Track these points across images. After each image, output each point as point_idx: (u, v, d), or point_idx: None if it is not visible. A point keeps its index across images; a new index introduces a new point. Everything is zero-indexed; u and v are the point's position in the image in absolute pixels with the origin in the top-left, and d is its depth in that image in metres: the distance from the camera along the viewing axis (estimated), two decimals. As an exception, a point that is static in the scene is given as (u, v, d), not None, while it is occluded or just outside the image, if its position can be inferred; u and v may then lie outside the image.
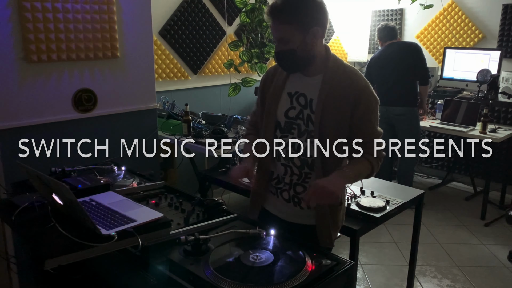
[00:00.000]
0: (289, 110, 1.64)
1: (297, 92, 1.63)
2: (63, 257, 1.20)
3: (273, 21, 1.52)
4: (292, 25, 1.49)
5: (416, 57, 3.94)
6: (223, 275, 1.19)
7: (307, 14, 1.50)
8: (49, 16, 2.44)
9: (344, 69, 1.60)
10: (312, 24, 1.51)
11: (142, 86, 2.94)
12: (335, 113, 1.56)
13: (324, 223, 1.67)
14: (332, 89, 1.56)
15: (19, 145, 2.46)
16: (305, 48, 1.53)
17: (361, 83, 1.58)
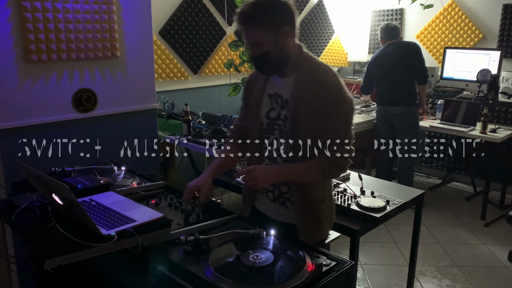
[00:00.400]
0: (270, 111, 1.68)
1: (276, 93, 1.67)
2: (63, 257, 1.20)
3: (243, 28, 1.55)
4: (262, 28, 1.52)
5: (414, 56, 3.93)
6: (223, 275, 1.19)
7: (275, 15, 1.52)
8: (49, 16, 2.44)
9: (316, 68, 1.61)
10: (281, 25, 1.53)
11: (142, 86, 2.94)
12: (308, 113, 1.58)
13: (302, 221, 1.69)
14: (304, 89, 1.59)
15: (19, 145, 2.46)
16: (278, 49, 1.55)
17: (331, 81, 1.58)
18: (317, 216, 1.72)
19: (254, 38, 1.54)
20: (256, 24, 1.51)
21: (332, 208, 1.82)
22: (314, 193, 1.70)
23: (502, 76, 4.11)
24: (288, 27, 1.54)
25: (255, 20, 1.51)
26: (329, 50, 5.35)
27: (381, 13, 5.24)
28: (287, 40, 1.56)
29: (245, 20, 1.52)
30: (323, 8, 5.13)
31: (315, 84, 1.57)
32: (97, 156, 2.71)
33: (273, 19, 1.52)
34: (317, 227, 1.73)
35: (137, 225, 1.35)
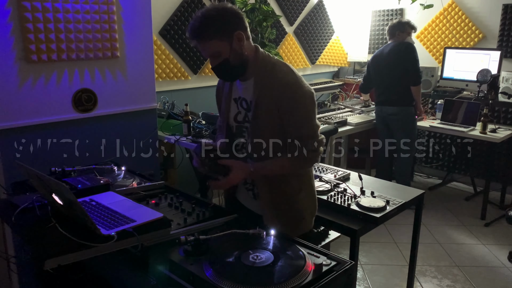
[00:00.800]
0: (237, 115, 1.76)
1: (240, 97, 1.74)
2: (63, 257, 1.20)
3: (198, 43, 1.59)
4: (216, 38, 1.56)
5: (406, 57, 3.90)
6: (223, 275, 1.19)
7: (225, 23, 1.57)
8: (49, 16, 2.44)
9: (272, 67, 1.66)
10: (233, 30, 1.58)
11: (142, 86, 2.94)
12: (267, 113, 1.64)
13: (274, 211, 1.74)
14: (263, 90, 1.64)
15: (19, 145, 2.46)
16: (236, 54, 1.60)
17: (287, 78, 1.62)
18: (294, 206, 1.76)
19: (211, 50, 1.58)
20: (210, 36, 1.56)
21: (313, 197, 1.85)
22: (287, 183, 1.74)
23: (502, 76, 4.11)
24: (240, 31, 1.59)
25: (207, 33, 1.56)
26: (329, 50, 5.35)
27: (381, 13, 5.24)
28: (242, 44, 1.61)
29: (198, 34, 1.56)
30: (323, 8, 5.12)
31: (273, 84, 1.62)
32: (97, 156, 2.70)
33: (224, 26, 1.56)
34: (297, 218, 1.77)
35: (137, 225, 1.35)
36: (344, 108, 4.64)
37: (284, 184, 1.74)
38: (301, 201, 1.78)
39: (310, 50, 5.11)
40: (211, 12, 1.56)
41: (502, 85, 4.09)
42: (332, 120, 3.99)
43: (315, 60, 5.22)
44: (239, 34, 1.59)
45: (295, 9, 4.83)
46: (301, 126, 1.64)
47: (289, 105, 1.61)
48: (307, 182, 1.81)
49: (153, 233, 1.36)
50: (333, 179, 2.41)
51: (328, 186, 2.26)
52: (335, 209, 2.10)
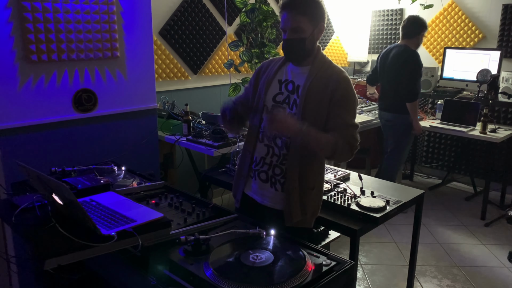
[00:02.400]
0: (277, 95, 1.82)
1: (287, 80, 1.82)
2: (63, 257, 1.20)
3: (289, 12, 1.70)
4: (308, 17, 1.70)
5: (404, 70, 3.69)
6: (223, 275, 1.19)
7: (320, 11, 1.73)
8: (49, 16, 2.44)
9: (329, 63, 1.81)
10: (320, 20, 1.74)
11: (142, 86, 2.94)
12: (317, 99, 1.73)
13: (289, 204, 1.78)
14: (317, 78, 1.75)
15: (19, 145, 2.46)
16: (312, 39, 1.74)
17: (342, 75, 1.76)
18: (304, 200, 1.80)
19: (297, 24, 1.69)
20: (305, 12, 1.69)
21: (320, 196, 1.90)
22: (306, 179, 1.79)
23: (502, 76, 4.11)
24: (324, 24, 1.76)
25: (304, 8, 1.69)
26: (329, 50, 5.35)
27: (381, 13, 5.24)
28: (319, 35, 1.76)
29: (297, 5, 1.68)
30: (323, 8, 5.12)
31: (328, 75, 1.75)
32: (97, 156, 2.71)
33: (318, 13, 1.72)
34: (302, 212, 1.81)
35: (137, 225, 1.35)
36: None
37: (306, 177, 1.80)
38: (310, 198, 1.83)
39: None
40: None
41: (502, 85, 4.09)
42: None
43: (315, 60, 5.21)
44: (323, 26, 1.76)
45: (295, 9, 4.82)
46: (351, 116, 1.75)
47: (341, 97, 1.72)
48: (321, 180, 1.89)
49: (153, 233, 1.36)
50: (333, 179, 2.41)
51: (328, 186, 2.26)
52: (335, 209, 2.10)
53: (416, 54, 3.74)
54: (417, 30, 3.76)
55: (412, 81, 3.70)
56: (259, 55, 3.90)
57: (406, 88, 3.71)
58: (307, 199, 1.81)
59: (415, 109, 3.78)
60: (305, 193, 1.80)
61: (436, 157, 5.00)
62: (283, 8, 1.71)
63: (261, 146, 1.83)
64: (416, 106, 3.77)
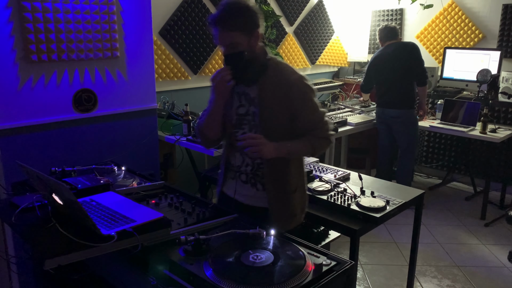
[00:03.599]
0: (239, 107, 1.82)
1: (243, 91, 1.80)
2: (63, 257, 1.20)
3: (220, 30, 1.65)
4: (240, 30, 1.64)
5: (412, 57, 3.90)
6: (223, 275, 1.19)
7: (251, 19, 1.67)
8: (49, 16, 2.44)
9: (279, 66, 1.77)
10: (254, 27, 1.68)
11: (142, 86, 2.94)
12: (274, 108, 1.73)
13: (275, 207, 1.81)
14: (270, 86, 1.73)
15: (19, 145, 2.46)
16: (251, 50, 1.70)
17: (293, 77, 1.74)
18: (289, 204, 1.84)
19: (230, 40, 1.65)
20: (235, 27, 1.63)
21: (305, 197, 1.94)
22: (287, 182, 1.82)
23: (502, 76, 4.11)
24: (259, 30, 1.70)
25: (234, 23, 1.63)
26: (329, 50, 5.34)
27: (381, 13, 5.24)
28: (257, 42, 1.71)
29: (224, 23, 1.63)
30: (323, 8, 5.12)
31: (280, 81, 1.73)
32: (97, 156, 2.71)
33: (249, 22, 1.66)
34: (290, 215, 1.86)
35: (137, 225, 1.35)
36: (344, 108, 4.64)
37: (285, 183, 1.83)
38: (295, 200, 1.87)
39: (310, 50, 5.12)
40: (239, 5, 1.64)
41: (502, 85, 4.09)
42: (332, 120, 3.98)
43: (315, 60, 5.22)
44: (258, 33, 1.70)
45: (295, 9, 4.83)
46: (314, 113, 1.77)
47: (301, 99, 1.74)
48: (302, 181, 1.91)
49: (153, 233, 1.36)
50: (333, 179, 2.41)
51: (328, 186, 2.26)
52: (335, 209, 2.10)
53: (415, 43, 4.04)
54: (398, 32, 4.09)
55: (423, 64, 3.95)
56: (259, 55, 3.90)
57: (419, 72, 3.94)
58: (293, 203, 1.86)
59: (426, 92, 4.11)
60: (288, 198, 1.84)
61: (436, 157, 5.00)
62: (211, 25, 1.66)
63: (237, 155, 1.86)
64: (426, 89, 4.08)
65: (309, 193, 2.20)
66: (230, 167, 1.90)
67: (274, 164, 1.78)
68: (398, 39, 4.08)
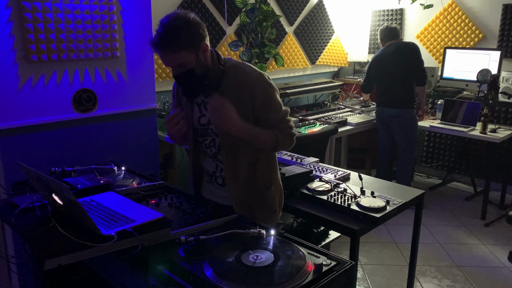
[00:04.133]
0: (200, 117, 1.80)
1: (203, 100, 1.78)
2: (63, 257, 1.20)
3: (163, 53, 1.58)
4: (184, 49, 1.58)
5: (412, 57, 3.91)
6: (223, 275, 1.19)
7: (193, 34, 1.60)
8: (49, 16, 2.44)
9: (236, 68, 1.74)
10: (198, 42, 1.62)
11: (142, 86, 2.94)
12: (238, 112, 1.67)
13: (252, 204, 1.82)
14: (230, 91, 1.70)
15: (19, 145, 2.46)
16: (201, 64, 1.65)
17: (253, 75, 1.71)
18: (267, 201, 1.86)
19: (177, 60, 1.60)
20: (178, 47, 1.57)
21: (281, 191, 1.96)
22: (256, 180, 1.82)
23: (502, 76, 4.11)
24: (205, 42, 1.64)
25: (176, 44, 1.56)
26: (329, 50, 5.35)
27: (381, 13, 5.24)
28: (206, 54, 1.66)
29: (166, 46, 1.56)
30: (323, 8, 5.12)
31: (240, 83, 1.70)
32: (97, 156, 2.71)
33: (192, 38, 1.59)
34: (269, 212, 1.88)
35: (137, 225, 1.35)
36: (344, 108, 4.64)
37: (253, 181, 1.83)
38: (272, 196, 1.88)
39: (310, 50, 5.11)
40: (178, 23, 1.56)
41: (502, 85, 4.09)
42: (332, 120, 3.99)
43: (315, 60, 5.22)
44: (205, 45, 1.64)
45: (295, 9, 4.83)
46: (277, 111, 1.75)
47: (264, 98, 1.71)
48: (275, 177, 1.92)
49: (153, 233, 1.36)
50: (333, 179, 2.41)
51: (328, 186, 2.26)
52: (335, 209, 2.10)
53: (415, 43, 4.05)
54: (398, 33, 4.11)
55: (422, 63, 3.96)
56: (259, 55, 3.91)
57: (419, 72, 3.95)
58: (270, 198, 1.88)
59: (425, 92, 4.10)
60: (264, 194, 1.85)
61: (436, 157, 5.00)
62: (153, 49, 1.59)
63: (210, 162, 1.86)
64: (426, 89, 4.08)
65: (309, 193, 2.21)
66: (205, 172, 1.91)
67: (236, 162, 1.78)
68: (399, 39, 4.09)
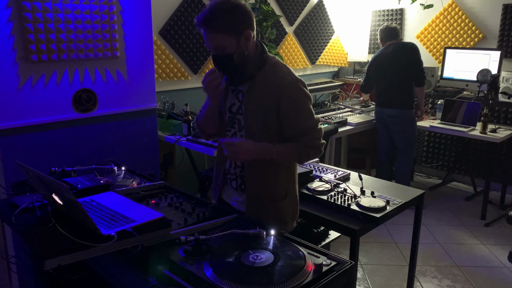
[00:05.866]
0: (232, 105, 1.78)
1: (237, 89, 1.76)
2: (63, 257, 1.20)
3: (206, 32, 1.58)
4: (226, 32, 1.57)
5: (411, 57, 3.90)
6: (223, 275, 1.19)
7: (238, 19, 1.58)
8: (49, 16, 2.44)
9: (273, 67, 1.70)
10: (243, 28, 1.60)
11: (142, 86, 2.94)
12: (260, 110, 1.68)
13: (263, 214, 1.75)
14: (260, 87, 1.68)
15: (19, 145, 2.46)
16: (241, 52, 1.62)
17: (287, 79, 1.67)
18: (279, 211, 1.80)
19: (218, 42, 1.59)
20: (221, 29, 1.56)
21: (296, 201, 1.89)
22: (276, 189, 1.78)
23: (502, 76, 4.11)
24: (250, 31, 1.63)
25: (219, 25, 1.56)
26: (329, 50, 5.34)
27: (381, 13, 5.24)
28: (248, 43, 1.64)
29: (209, 24, 1.56)
30: (323, 8, 5.12)
31: (271, 83, 1.67)
32: (97, 156, 2.71)
33: (236, 23, 1.58)
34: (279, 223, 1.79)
35: (137, 225, 1.35)
36: (344, 108, 4.64)
37: (273, 189, 1.79)
38: (285, 207, 1.83)
39: (310, 50, 5.11)
40: (225, 6, 1.56)
41: (502, 85, 4.09)
42: (332, 120, 3.99)
43: (315, 60, 5.22)
44: (248, 33, 1.62)
45: (295, 9, 4.83)
46: (302, 124, 1.69)
47: (291, 103, 1.66)
48: (292, 187, 1.86)
49: (153, 233, 1.36)
50: (333, 179, 2.41)
51: (328, 186, 2.26)
52: (335, 209, 2.10)
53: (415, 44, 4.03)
54: (398, 32, 4.10)
55: (421, 64, 3.94)
56: (259, 55, 3.90)
57: (417, 72, 3.94)
58: (282, 209, 1.82)
59: (424, 93, 4.11)
60: (277, 205, 1.80)
61: (436, 157, 5.00)
62: (197, 26, 1.60)
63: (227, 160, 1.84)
64: (424, 90, 4.08)
65: (309, 193, 2.21)
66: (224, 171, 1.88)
67: (257, 168, 1.74)
68: (398, 39, 4.08)
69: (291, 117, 1.68)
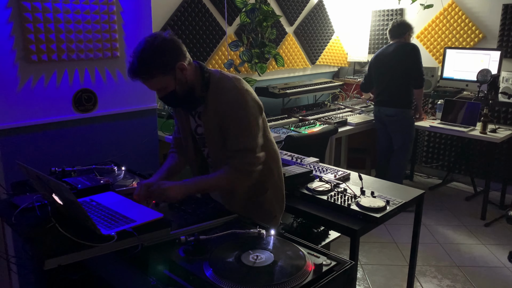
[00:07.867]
0: (196, 127, 1.82)
1: (196, 111, 1.79)
2: (63, 257, 1.20)
3: (142, 81, 1.62)
4: (161, 74, 1.59)
5: (411, 59, 3.88)
6: (223, 275, 1.19)
7: (166, 58, 1.58)
8: (49, 16, 2.44)
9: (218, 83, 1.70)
10: (174, 63, 1.60)
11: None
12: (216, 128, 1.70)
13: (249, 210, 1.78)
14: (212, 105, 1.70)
15: (19, 145, 2.46)
16: (181, 84, 1.64)
17: (231, 93, 1.66)
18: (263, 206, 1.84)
19: (157, 85, 1.63)
20: (152, 75, 1.59)
21: (281, 196, 1.93)
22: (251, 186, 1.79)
23: (502, 76, 4.11)
24: (181, 62, 1.62)
25: (149, 72, 1.58)
26: (329, 50, 5.35)
27: (381, 13, 5.24)
28: (185, 73, 1.64)
29: (140, 75, 1.59)
30: (323, 8, 5.12)
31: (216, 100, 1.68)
32: (97, 156, 2.70)
33: (166, 62, 1.58)
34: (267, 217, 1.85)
35: (137, 225, 1.35)
36: (344, 108, 4.64)
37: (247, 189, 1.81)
38: (269, 201, 1.87)
39: (310, 50, 5.11)
40: (148, 52, 1.56)
41: (502, 85, 4.09)
42: (332, 120, 3.99)
43: (315, 60, 5.22)
44: (181, 65, 1.62)
45: (295, 9, 4.83)
46: (238, 140, 1.67)
47: (230, 121, 1.66)
48: (273, 183, 1.89)
49: (153, 233, 1.36)
50: (333, 179, 2.41)
51: (328, 186, 2.26)
52: (335, 209, 2.10)
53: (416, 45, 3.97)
54: (404, 30, 4.01)
55: (421, 66, 3.92)
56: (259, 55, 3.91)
57: (416, 74, 3.91)
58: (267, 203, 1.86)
59: (422, 95, 4.09)
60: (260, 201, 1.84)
61: (436, 157, 5.00)
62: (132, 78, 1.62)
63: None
64: (422, 92, 4.06)
65: (309, 193, 2.21)
66: None
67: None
68: (401, 38, 3.99)
69: (227, 136, 1.69)
